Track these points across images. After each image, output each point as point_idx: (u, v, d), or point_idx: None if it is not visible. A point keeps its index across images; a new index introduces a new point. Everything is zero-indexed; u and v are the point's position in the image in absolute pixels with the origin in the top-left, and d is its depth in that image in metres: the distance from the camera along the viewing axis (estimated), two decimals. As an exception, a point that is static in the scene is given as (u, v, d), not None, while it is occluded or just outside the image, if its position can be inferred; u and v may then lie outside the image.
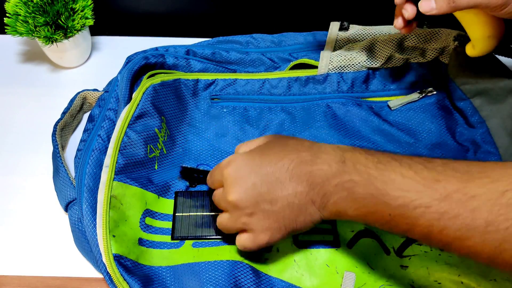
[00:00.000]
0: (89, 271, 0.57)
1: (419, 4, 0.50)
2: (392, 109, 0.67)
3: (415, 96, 0.65)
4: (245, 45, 0.70)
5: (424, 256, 0.55)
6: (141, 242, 0.54)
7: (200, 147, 0.63)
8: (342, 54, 0.66)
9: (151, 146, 0.59)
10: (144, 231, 0.55)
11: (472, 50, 0.56)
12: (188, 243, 0.56)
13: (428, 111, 0.65)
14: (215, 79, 0.67)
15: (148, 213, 0.56)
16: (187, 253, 0.55)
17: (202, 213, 0.57)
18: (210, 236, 0.56)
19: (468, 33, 0.55)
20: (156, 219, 0.56)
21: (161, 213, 0.57)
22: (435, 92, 0.64)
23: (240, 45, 0.70)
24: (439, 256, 0.55)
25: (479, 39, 0.54)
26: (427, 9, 0.49)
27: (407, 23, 0.54)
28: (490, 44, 0.54)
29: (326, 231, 0.57)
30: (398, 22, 0.54)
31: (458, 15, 0.54)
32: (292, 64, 0.68)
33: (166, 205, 0.58)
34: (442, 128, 0.65)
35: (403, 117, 0.66)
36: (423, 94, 0.64)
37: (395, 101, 0.66)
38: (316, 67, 0.68)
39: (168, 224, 0.57)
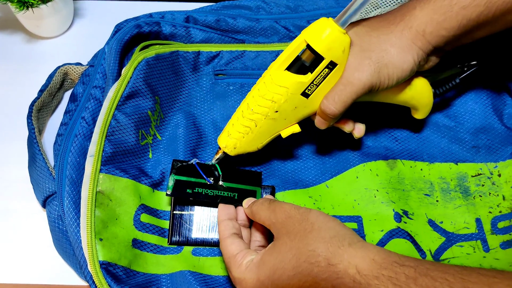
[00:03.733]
0: (71, 278, 0.57)
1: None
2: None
3: (455, 71, 0.61)
4: (255, 11, 0.69)
5: (466, 259, 0.56)
6: (135, 243, 0.54)
7: (201, 132, 0.62)
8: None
9: (143, 132, 0.59)
10: (139, 230, 0.55)
11: (418, 115, 0.59)
12: (188, 249, 0.56)
13: (471, 89, 0.64)
14: (220, 51, 0.64)
15: (144, 208, 0.56)
16: (186, 261, 0.55)
17: (204, 212, 0.57)
18: (214, 240, 0.56)
19: (411, 105, 0.58)
20: (153, 216, 0.56)
21: (159, 210, 0.57)
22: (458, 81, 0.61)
23: (250, 11, 0.69)
24: (484, 258, 0.56)
25: (425, 105, 0.58)
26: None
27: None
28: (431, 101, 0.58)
29: None
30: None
31: (390, 98, 0.56)
32: None
33: (162, 200, 0.58)
34: (488, 110, 0.65)
35: (441, 96, 0.65)
36: (465, 69, 0.61)
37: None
38: None
39: (166, 224, 0.57)
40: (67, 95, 0.70)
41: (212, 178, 0.57)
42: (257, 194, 0.57)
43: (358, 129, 0.57)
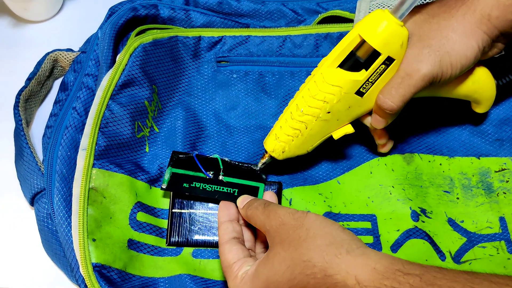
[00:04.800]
0: (61, 282, 0.57)
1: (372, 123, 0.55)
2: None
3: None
4: (260, -8, 0.68)
5: (489, 261, 0.56)
6: (131, 244, 0.54)
7: (202, 123, 0.62)
8: (386, 3, 0.62)
9: (139, 123, 0.59)
10: (135, 229, 0.55)
11: (480, 109, 0.59)
12: (188, 250, 0.56)
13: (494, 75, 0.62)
14: (223, 36, 0.65)
15: (140, 206, 0.56)
16: (186, 264, 0.55)
17: (207, 210, 0.58)
18: (216, 241, 0.56)
19: (472, 99, 0.58)
20: (150, 215, 0.57)
21: (156, 208, 0.57)
22: (503, 52, 0.59)
23: (255, -8, 0.68)
24: (508, 260, 0.56)
25: (489, 98, 0.58)
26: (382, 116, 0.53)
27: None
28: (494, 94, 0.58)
29: (364, 231, 0.57)
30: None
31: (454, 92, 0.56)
32: (320, 17, 0.66)
33: (160, 197, 0.58)
34: (512, 100, 0.65)
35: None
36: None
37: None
38: (351, 20, 0.65)
39: (164, 223, 0.57)
40: (57, 83, 0.70)
41: (212, 172, 0.57)
42: (260, 191, 0.57)
43: (387, 147, 0.59)
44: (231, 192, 0.56)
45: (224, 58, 0.65)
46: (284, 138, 0.54)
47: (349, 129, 0.54)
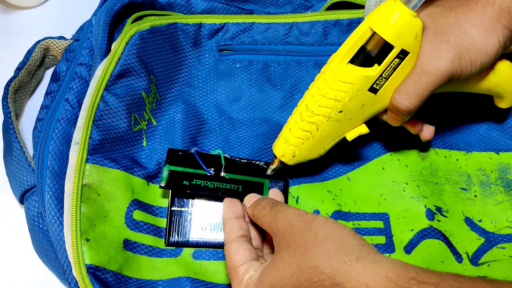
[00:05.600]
0: (53, 284, 0.57)
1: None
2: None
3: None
4: (265, -24, 0.68)
5: (509, 263, 0.56)
6: (127, 245, 0.54)
7: (203, 116, 0.63)
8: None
9: (136, 116, 0.58)
10: (131, 229, 0.55)
11: (503, 103, 0.59)
12: (188, 251, 0.56)
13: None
14: (225, 23, 0.64)
15: (137, 204, 0.56)
16: (186, 266, 0.55)
17: (209, 208, 0.57)
18: (218, 241, 0.56)
19: (495, 93, 0.57)
20: (148, 213, 0.57)
21: (154, 206, 0.57)
22: None
23: (259, -24, 0.69)
24: None
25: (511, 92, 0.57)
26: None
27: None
28: None
29: (376, 231, 0.57)
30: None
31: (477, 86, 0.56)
32: (329, 2, 0.65)
33: (158, 195, 0.58)
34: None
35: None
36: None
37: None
38: (362, 6, 0.65)
39: (162, 222, 0.57)
40: (48, 74, 0.69)
41: (213, 169, 0.57)
42: (265, 187, 0.57)
43: (427, 131, 0.56)
44: (235, 188, 0.56)
45: (226, 46, 0.65)
46: (294, 141, 0.53)
47: (364, 129, 0.53)
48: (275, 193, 0.55)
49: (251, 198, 0.52)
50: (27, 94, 0.67)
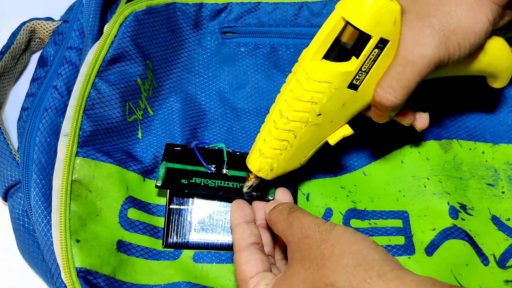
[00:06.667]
0: None
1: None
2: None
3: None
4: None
5: None
6: (121, 246, 0.53)
7: (204, 105, 0.62)
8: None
9: (131, 105, 0.58)
10: (126, 229, 0.54)
11: (497, 83, 0.57)
12: (187, 253, 0.56)
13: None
14: (228, 3, 0.65)
15: (132, 202, 0.55)
16: (186, 269, 0.55)
17: (210, 205, 0.57)
18: (221, 243, 0.56)
19: (487, 73, 0.56)
20: (144, 211, 0.56)
21: (151, 203, 0.57)
22: None
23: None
24: None
25: (506, 70, 0.56)
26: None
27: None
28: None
29: (395, 231, 0.57)
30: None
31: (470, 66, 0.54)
32: None
33: (155, 191, 0.58)
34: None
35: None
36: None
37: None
38: None
39: (160, 221, 0.57)
40: (34, 58, 0.69)
41: (214, 166, 0.57)
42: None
43: (421, 120, 0.55)
44: (238, 187, 0.56)
45: (230, 28, 0.65)
46: (270, 153, 0.51)
47: (347, 131, 0.52)
48: (282, 192, 0.54)
49: (271, 204, 0.52)
50: (11, 80, 0.67)
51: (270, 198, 0.56)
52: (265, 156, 0.51)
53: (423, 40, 0.46)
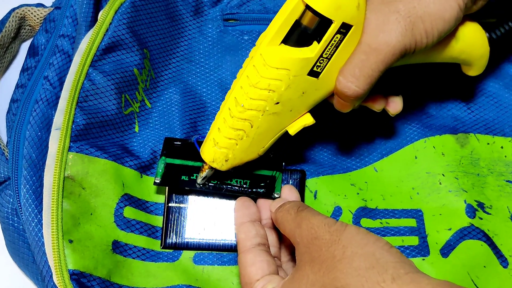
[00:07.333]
0: None
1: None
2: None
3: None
4: None
5: None
6: (116, 247, 0.53)
7: (205, 97, 0.62)
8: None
9: (127, 96, 0.58)
10: (122, 229, 0.54)
11: (472, 71, 0.57)
12: (187, 255, 0.56)
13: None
14: None
15: (128, 200, 0.55)
16: (186, 272, 0.55)
17: (211, 204, 0.57)
18: (223, 243, 0.56)
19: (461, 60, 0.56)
20: (141, 210, 0.56)
21: (149, 201, 0.57)
22: None
23: None
24: None
25: (480, 57, 0.55)
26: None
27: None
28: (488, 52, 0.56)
29: (408, 231, 0.57)
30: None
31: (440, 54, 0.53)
32: None
33: (153, 189, 0.57)
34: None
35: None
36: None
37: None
38: None
39: (158, 220, 0.56)
40: (24, 47, 0.69)
41: None
42: (277, 182, 0.55)
43: (393, 104, 0.54)
44: (242, 183, 0.55)
45: (232, 15, 0.64)
46: (225, 143, 0.50)
47: (308, 120, 0.51)
48: (288, 190, 0.54)
49: (277, 202, 0.51)
50: (0, 71, 0.67)
51: (276, 195, 0.55)
52: (220, 146, 0.51)
53: (388, 26, 0.45)
